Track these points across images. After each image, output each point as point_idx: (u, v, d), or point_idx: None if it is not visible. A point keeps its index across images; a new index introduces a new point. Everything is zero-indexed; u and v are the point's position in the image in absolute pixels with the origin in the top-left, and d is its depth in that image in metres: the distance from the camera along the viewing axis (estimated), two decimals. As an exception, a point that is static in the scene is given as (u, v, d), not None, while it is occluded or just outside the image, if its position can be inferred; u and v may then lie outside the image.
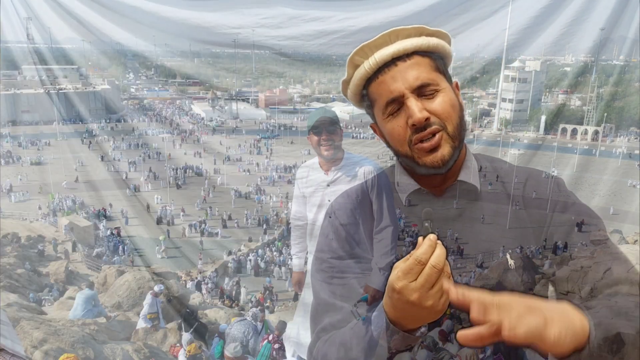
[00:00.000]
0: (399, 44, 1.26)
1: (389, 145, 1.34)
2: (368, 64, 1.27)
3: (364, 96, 1.35)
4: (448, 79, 1.31)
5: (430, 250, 0.98)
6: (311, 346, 1.36)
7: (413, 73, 1.24)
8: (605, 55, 75.74)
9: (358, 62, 1.30)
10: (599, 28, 58.24)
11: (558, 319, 0.89)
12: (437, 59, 1.30)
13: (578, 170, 49.35)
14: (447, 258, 1.00)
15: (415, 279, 0.99)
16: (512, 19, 56.73)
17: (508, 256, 1.37)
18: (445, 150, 1.25)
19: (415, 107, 1.22)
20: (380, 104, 1.29)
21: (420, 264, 0.98)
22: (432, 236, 1.00)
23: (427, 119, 1.22)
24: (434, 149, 1.24)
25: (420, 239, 1.01)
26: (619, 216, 35.91)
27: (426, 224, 1.04)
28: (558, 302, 0.94)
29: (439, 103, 1.24)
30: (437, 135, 1.24)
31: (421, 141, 1.25)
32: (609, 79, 67.50)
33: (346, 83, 1.36)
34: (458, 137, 1.27)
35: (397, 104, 1.25)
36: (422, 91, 1.24)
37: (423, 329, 1.12)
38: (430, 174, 1.29)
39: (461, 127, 1.28)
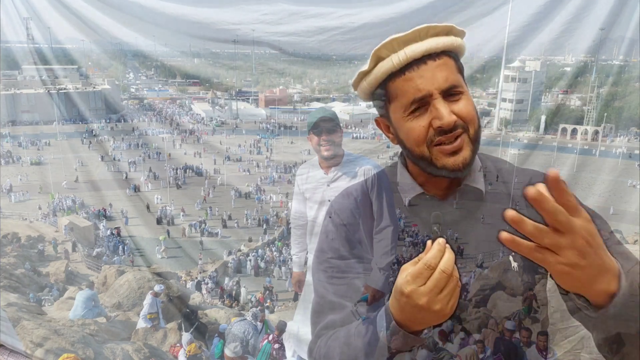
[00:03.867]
0: (430, 42, 1.23)
1: (400, 143, 1.32)
2: (397, 58, 1.23)
3: (378, 90, 1.30)
4: (465, 81, 1.29)
5: (439, 254, 0.98)
6: (312, 345, 1.35)
7: (442, 74, 1.22)
8: (605, 55, 75.78)
9: (385, 55, 1.25)
10: (598, 28, 58.31)
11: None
12: (459, 61, 1.29)
13: (578, 170, 49.39)
14: (455, 262, 1.00)
15: (424, 284, 0.99)
16: (512, 16, 56.77)
17: (511, 258, 1.36)
18: (466, 153, 1.23)
19: (444, 110, 1.20)
20: (404, 101, 1.24)
21: (430, 268, 0.98)
22: (441, 240, 0.99)
23: (455, 121, 1.21)
24: (456, 151, 1.23)
25: (429, 242, 1.00)
26: (618, 216, 35.90)
27: (435, 228, 1.03)
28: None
29: (464, 106, 1.23)
30: (460, 138, 1.23)
31: (442, 143, 1.23)
32: (609, 79, 67.50)
33: (363, 74, 1.30)
34: (477, 141, 1.26)
35: (423, 103, 1.22)
36: (449, 93, 1.22)
37: (427, 331, 1.12)
38: (450, 177, 1.27)
39: (480, 130, 1.28)
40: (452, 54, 1.26)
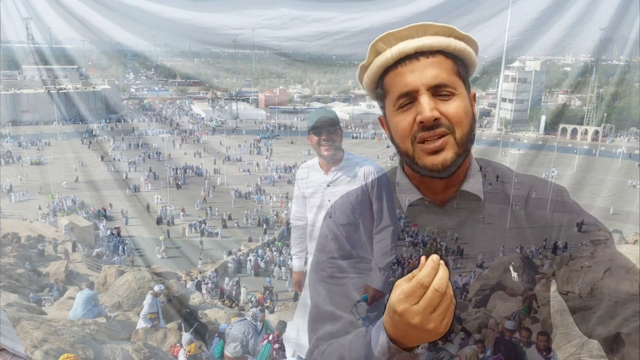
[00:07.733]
0: (425, 39, 1.24)
1: (392, 140, 1.32)
2: (390, 53, 1.25)
3: (379, 85, 1.32)
4: (467, 87, 1.28)
5: (433, 272, 0.96)
6: (308, 355, 1.35)
7: (433, 71, 1.22)
8: (606, 56, 75.77)
9: (381, 49, 1.27)
10: (599, 28, 58.31)
11: None
12: (460, 65, 1.27)
13: (578, 170, 49.38)
14: (449, 279, 0.98)
15: (417, 302, 0.97)
16: (514, 20, 56.83)
17: (511, 268, 1.36)
18: (448, 155, 1.22)
19: (427, 105, 1.19)
20: (393, 95, 1.26)
21: (423, 287, 0.96)
22: (435, 257, 0.97)
23: (437, 119, 1.19)
24: (437, 151, 1.21)
25: (422, 258, 0.98)
26: (619, 216, 35.87)
27: (427, 243, 1.00)
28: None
29: (453, 107, 1.22)
30: (443, 139, 1.21)
31: (425, 141, 1.22)
32: (609, 79, 67.57)
33: (364, 68, 1.33)
34: (464, 145, 1.24)
35: (410, 98, 1.23)
36: (438, 91, 1.22)
37: (421, 350, 1.10)
38: (429, 176, 1.26)
39: (469, 136, 1.25)
40: (450, 56, 1.25)
